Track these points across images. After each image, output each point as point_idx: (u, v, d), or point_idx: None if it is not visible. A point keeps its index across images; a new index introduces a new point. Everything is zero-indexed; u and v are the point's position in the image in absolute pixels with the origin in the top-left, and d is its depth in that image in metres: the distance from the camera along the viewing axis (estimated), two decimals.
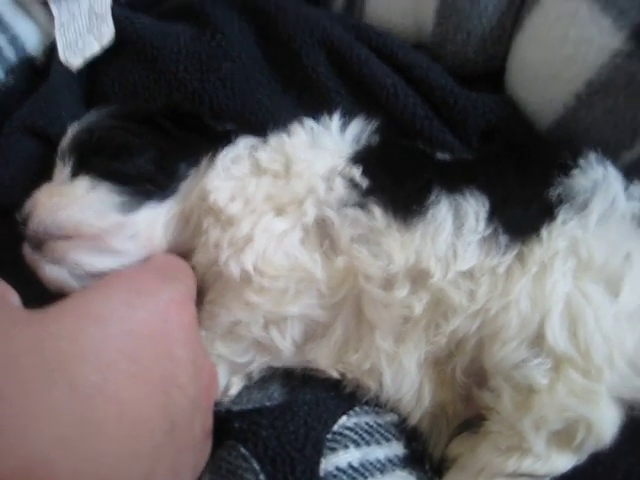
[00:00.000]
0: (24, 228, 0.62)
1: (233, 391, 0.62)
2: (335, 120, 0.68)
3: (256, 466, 0.53)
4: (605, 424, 0.52)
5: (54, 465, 0.35)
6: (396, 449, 0.59)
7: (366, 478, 0.54)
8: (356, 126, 0.68)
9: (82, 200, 0.62)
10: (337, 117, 0.69)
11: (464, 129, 0.72)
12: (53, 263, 0.61)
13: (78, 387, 0.38)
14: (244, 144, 0.67)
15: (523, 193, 0.60)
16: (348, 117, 0.69)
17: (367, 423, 0.59)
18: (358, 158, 0.63)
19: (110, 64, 0.79)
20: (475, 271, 0.56)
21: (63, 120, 0.74)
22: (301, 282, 0.58)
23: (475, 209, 0.57)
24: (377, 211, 0.58)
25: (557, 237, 0.56)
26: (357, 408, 0.60)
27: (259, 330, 0.59)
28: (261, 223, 0.59)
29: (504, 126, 0.73)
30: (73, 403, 0.38)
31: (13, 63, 0.81)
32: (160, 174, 0.65)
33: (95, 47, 0.77)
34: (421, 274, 0.57)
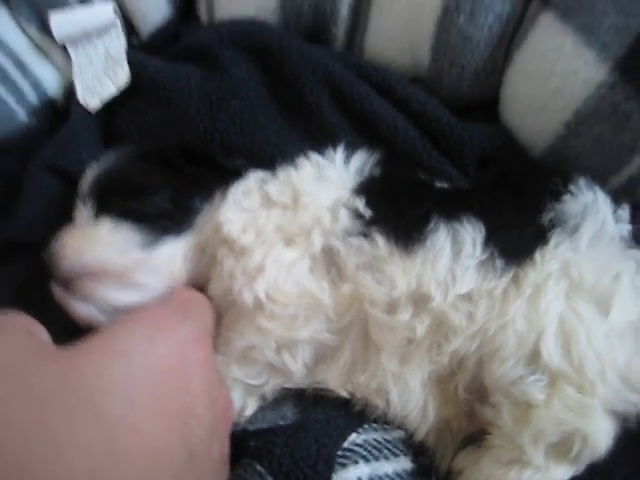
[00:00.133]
0: (52, 268, 0.63)
1: (248, 412, 0.63)
2: (339, 153, 0.69)
3: None
4: (600, 436, 0.54)
5: None
6: (404, 464, 0.60)
7: None
8: (359, 159, 0.69)
9: (106, 240, 0.63)
10: (341, 150, 0.70)
11: (461, 158, 0.73)
12: (82, 300, 0.63)
13: (104, 419, 0.39)
14: (254, 178, 0.68)
15: (517, 219, 0.61)
16: (351, 150, 0.70)
17: (376, 439, 0.60)
18: (361, 189, 0.64)
19: (125, 105, 0.80)
20: (473, 294, 0.57)
21: (83, 159, 0.75)
22: (310, 308, 0.60)
23: (472, 235, 0.59)
24: (380, 240, 0.59)
25: (550, 260, 0.57)
26: (366, 425, 0.61)
27: (272, 354, 0.61)
28: (272, 253, 0.60)
29: (499, 154, 0.73)
30: (100, 435, 0.39)
31: (35, 106, 0.84)
32: (176, 210, 0.66)
33: (112, 89, 0.79)
34: (422, 298, 0.58)
